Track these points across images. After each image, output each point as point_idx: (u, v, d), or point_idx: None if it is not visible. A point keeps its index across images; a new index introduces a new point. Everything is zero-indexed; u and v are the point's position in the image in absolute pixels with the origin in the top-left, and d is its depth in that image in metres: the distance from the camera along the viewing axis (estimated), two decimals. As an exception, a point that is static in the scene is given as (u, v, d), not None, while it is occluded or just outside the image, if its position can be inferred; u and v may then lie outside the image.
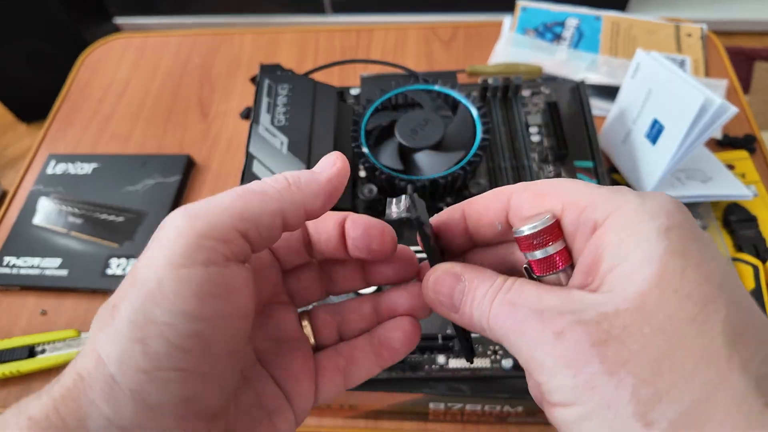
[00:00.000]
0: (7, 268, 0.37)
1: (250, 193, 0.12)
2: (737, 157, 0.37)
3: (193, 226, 0.11)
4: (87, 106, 0.47)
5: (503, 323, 0.11)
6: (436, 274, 0.13)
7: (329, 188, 0.13)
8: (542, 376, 0.10)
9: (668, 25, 0.46)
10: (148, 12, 1.10)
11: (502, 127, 0.31)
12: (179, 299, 0.10)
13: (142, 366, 0.10)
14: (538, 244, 0.12)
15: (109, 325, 0.11)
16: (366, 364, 0.15)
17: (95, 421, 0.10)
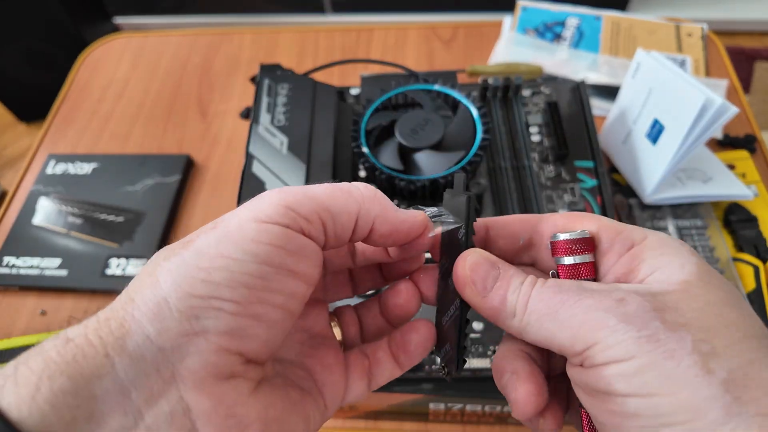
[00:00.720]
0: (7, 268, 0.37)
1: (338, 189, 0.13)
2: (738, 157, 0.37)
3: (282, 198, 0.12)
4: (86, 105, 0.47)
5: (549, 302, 0.12)
6: (473, 257, 0.14)
7: (401, 226, 0.14)
8: (600, 333, 0.11)
9: (669, 25, 0.46)
10: (147, 12, 1.09)
11: (503, 127, 0.31)
12: (254, 243, 0.11)
13: (199, 291, 0.11)
14: (573, 250, 0.13)
15: (176, 255, 0.11)
16: (388, 365, 0.15)
17: (135, 338, 0.10)
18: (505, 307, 0.13)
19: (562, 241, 0.13)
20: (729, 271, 0.31)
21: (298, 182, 0.27)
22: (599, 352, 0.11)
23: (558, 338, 0.12)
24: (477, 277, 0.13)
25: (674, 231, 0.33)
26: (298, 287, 0.12)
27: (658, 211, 0.34)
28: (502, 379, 0.14)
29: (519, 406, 0.13)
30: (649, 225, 0.33)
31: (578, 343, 0.11)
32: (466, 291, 0.14)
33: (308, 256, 0.12)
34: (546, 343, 0.12)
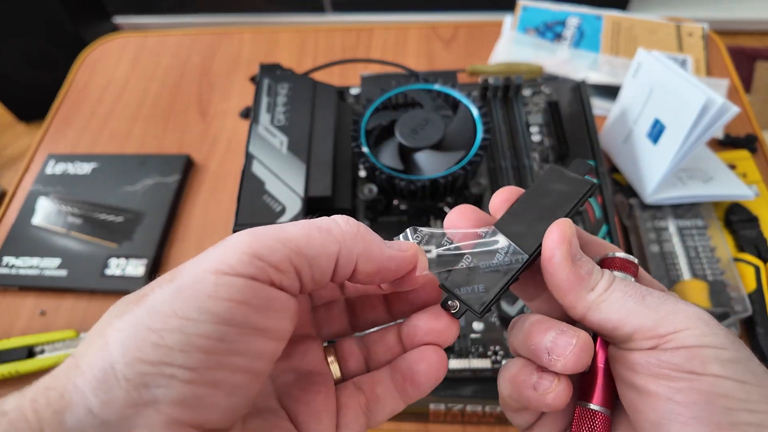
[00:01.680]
0: (6, 268, 0.36)
1: (316, 228, 0.12)
2: (739, 156, 0.37)
3: (251, 244, 0.11)
4: (86, 105, 0.47)
5: (636, 288, 0.13)
6: (573, 225, 0.14)
7: (388, 264, 0.13)
8: (694, 322, 0.12)
9: (669, 25, 0.46)
10: (147, 11, 1.09)
11: (503, 127, 0.31)
12: (212, 300, 0.10)
13: (149, 356, 0.10)
14: (626, 268, 0.14)
15: (129, 312, 0.10)
16: (390, 401, 0.14)
17: (75, 411, 0.09)
18: (590, 278, 0.13)
19: (619, 258, 0.14)
20: (730, 271, 0.31)
21: (299, 182, 0.27)
22: (692, 336, 0.12)
23: (639, 318, 0.12)
24: (574, 241, 0.13)
25: (675, 231, 0.33)
26: (265, 346, 0.11)
27: (659, 211, 0.34)
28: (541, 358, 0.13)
29: (562, 394, 0.13)
30: (650, 225, 0.33)
31: (665, 326, 0.12)
32: (562, 248, 0.13)
33: (278, 310, 0.11)
34: (619, 321, 0.13)
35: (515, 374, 0.13)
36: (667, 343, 0.12)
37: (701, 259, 0.31)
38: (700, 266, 0.31)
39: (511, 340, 0.15)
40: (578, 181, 0.15)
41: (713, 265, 0.31)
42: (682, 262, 0.31)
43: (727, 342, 0.12)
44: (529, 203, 0.15)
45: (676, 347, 0.12)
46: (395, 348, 0.15)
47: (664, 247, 0.32)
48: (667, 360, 0.12)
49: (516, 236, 0.14)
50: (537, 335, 0.13)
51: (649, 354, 0.12)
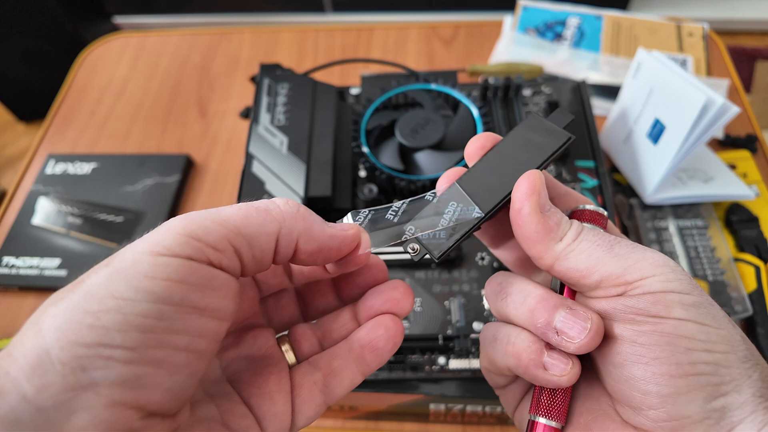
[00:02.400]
0: (6, 268, 0.36)
1: (254, 209, 0.12)
2: (739, 156, 0.37)
3: (186, 226, 0.11)
4: (86, 105, 0.47)
5: (603, 237, 0.13)
6: (543, 177, 0.14)
7: (330, 242, 0.13)
8: (660, 269, 0.12)
9: (670, 25, 0.46)
10: (146, 11, 1.09)
11: (503, 127, 0.31)
12: (148, 279, 0.10)
13: (85, 339, 0.09)
14: (596, 220, 0.14)
15: (63, 299, 0.10)
16: (347, 373, 0.14)
17: (8, 399, 0.09)
18: (558, 228, 0.13)
19: (588, 210, 0.14)
20: (730, 271, 0.31)
21: (299, 182, 0.27)
22: (658, 282, 0.12)
23: (607, 266, 0.13)
24: (542, 192, 0.13)
25: (675, 231, 0.33)
26: (206, 325, 0.11)
27: (659, 211, 0.34)
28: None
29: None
30: (650, 225, 0.33)
31: (632, 273, 0.12)
32: (531, 200, 0.13)
33: (217, 289, 0.11)
34: (587, 269, 0.13)
35: (522, 351, 0.13)
36: (634, 290, 0.12)
37: (701, 259, 0.31)
38: (700, 266, 0.31)
39: (497, 304, 0.14)
40: (555, 133, 0.14)
41: (713, 265, 0.31)
42: (683, 262, 0.31)
43: (690, 287, 0.12)
44: (502, 153, 0.15)
45: (642, 293, 0.12)
46: (350, 324, 0.15)
47: (664, 247, 0.32)
48: (633, 305, 0.12)
49: (477, 191, 0.14)
50: (544, 313, 0.13)
51: (616, 300, 0.13)
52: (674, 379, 0.11)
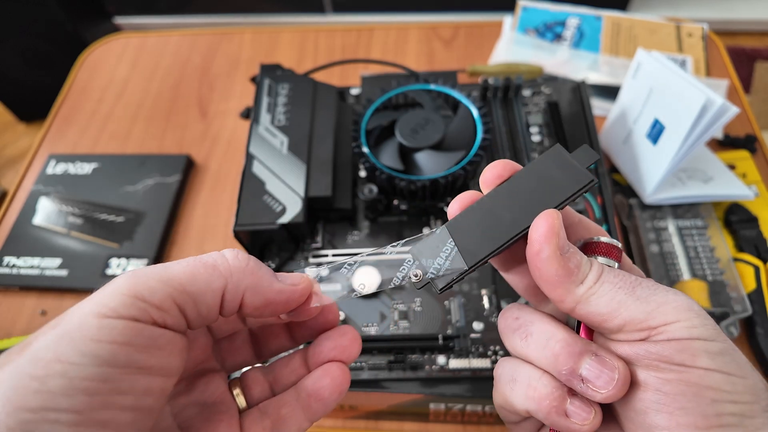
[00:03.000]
0: (7, 268, 0.37)
1: (201, 265, 0.12)
2: (738, 157, 0.37)
3: (131, 286, 0.11)
4: (87, 106, 0.47)
5: (625, 279, 0.13)
6: (560, 217, 0.13)
7: (277, 297, 0.13)
8: (684, 314, 0.12)
9: (669, 25, 0.46)
10: (147, 12, 1.09)
11: (503, 127, 0.31)
12: (94, 342, 0.10)
13: (30, 404, 0.10)
14: (611, 253, 0.14)
15: (10, 362, 0.10)
16: (294, 420, 0.14)
17: None
18: (579, 271, 0.13)
19: (604, 243, 0.14)
20: (729, 271, 0.31)
21: (299, 182, 0.27)
22: (683, 329, 0.12)
23: (629, 310, 0.12)
24: (562, 234, 0.13)
25: (674, 231, 0.33)
26: (152, 383, 0.11)
27: (659, 211, 0.34)
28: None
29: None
30: (650, 225, 0.33)
31: (655, 318, 0.12)
32: (551, 242, 0.13)
33: (163, 347, 0.11)
34: (609, 314, 0.12)
35: (544, 397, 0.13)
36: (657, 335, 0.12)
37: (701, 259, 0.31)
38: (699, 266, 0.31)
39: (515, 343, 0.14)
40: (578, 172, 0.14)
41: (713, 265, 0.31)
42: (682, 262, 0.31)
43: (715, 333, 0.12)
44: (520, 185, 0.14)
45: (666, 339, 0.12)
46: (300, 370, 0.15)
47: (663, 247, 0.32)
48: (658, 352, 0.12)
49: (488, 225, 0.13)
50: (569, 360, 0.13)
51: (639, 345, 0.12)
52: (699, 430, 0.11)
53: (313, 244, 0.28)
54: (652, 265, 0.32)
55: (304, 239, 0.28)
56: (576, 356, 0.13)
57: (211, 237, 0.38)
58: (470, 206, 0.14)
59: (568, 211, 0.15)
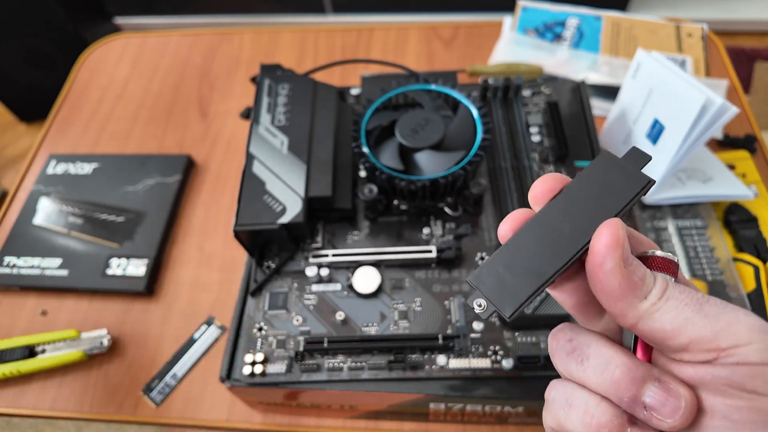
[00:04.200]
0: (8, 268, 0.37)
1: None
2: (738, 157, 0.37)
3: None
4: (87, 106, 0.47)
5: (692, 296, 0.12)
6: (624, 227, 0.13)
7: None
8: (757, 335, 0.11)
9: (669, 25, 0.46)
10: (147, 12, 1.09)
11: (503, 127, 0.31)
12: None
13: None
14: (668, 269, 0.13)
15: None
16: None
17: None
18: (643, 285, 0.12)
19: (660, 258, 0.13)
20: (729, 271, 0.31)
21: (299, 182, 0.27)
22: (756, 352, 0.11)
23: (697, 328, 0.12)
24: (626, 244, 0.12)
25: (674, 231, 0.33)
26: None
27: (658, 211, 0.34)
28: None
29: None
30: (649, 225, 0.33)
31: (725, 338, 0.11)
32: (615, 253, 0.12)
33: None
34: (674, 331, 0.12)
35: (602, 425, 0.12)
36: (727, 357, 0.11)
37: (701, 259, 0.32)
38: (699, 266, 0.31)
39: (569, 366, 0.13)
40: (632, 175, 0.13)
41: (712, 265, 0.31)
42: (682, 262, 0.31)
43: None
44: (574, 197, 0.13)
45: (737, 363, 0.11)
46: None
47: (663, 247, 0.32)
48: (727, 377, 0.11)
49: (548, 242, 0.13)
50: (631, 387, 0.12)
51: (705, 368, 0.12)
52: None
53: (313, 244, 0.28)
54: (652, 265, 0.32)
55: (304, 239, 0.28)
56: (638, 382, 0.12)
57: (212, 237, 0.38)
58: (525, 224, 0.14)
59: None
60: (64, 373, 0.33)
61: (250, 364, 0.25)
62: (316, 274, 0.27)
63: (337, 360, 0.25)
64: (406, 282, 0.27)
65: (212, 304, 0.35)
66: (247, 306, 0.27)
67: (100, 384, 0.33)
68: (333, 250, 0.28)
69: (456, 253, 0.27)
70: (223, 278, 0.36)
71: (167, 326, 0.35)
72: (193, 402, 0.32)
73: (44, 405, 0.32)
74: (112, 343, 0.33)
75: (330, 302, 0.27)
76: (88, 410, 0.32)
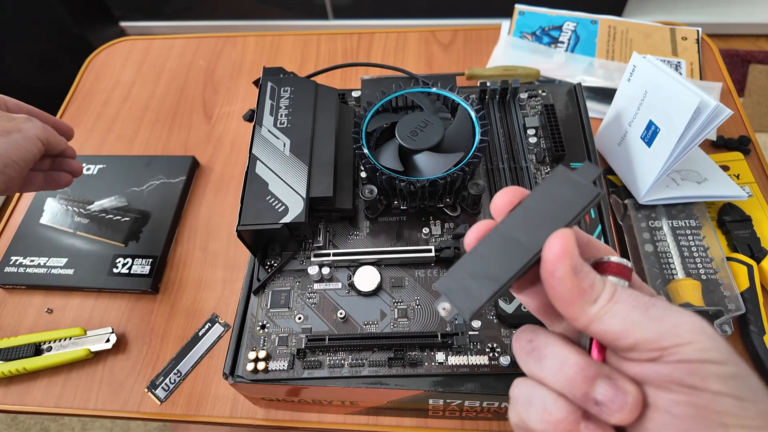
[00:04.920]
0: (14, 267, 0.37)
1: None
2: (732, 158, 0.38)
3: None
4: (93, 108, 0.48)
5: (639, 299, 0.13)
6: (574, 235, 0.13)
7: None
8: (697, 336, 0.12)
9: (664, 29, 0.46)
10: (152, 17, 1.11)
11: (500, 129, 0.32)
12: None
13: None
14: (622, 273, 0.14)
15: None
16: None
17: None
18: (592, 290, 0.13)
19: (614, 263, 0.14)
20: (723, 270, 0.31)
21: (301, 183, 0.28)
22: (694, 351, 0.12)
23: (642, 330, 0.12)
24: (576, 253, 0.13)
25: (669, 231, 0.33)
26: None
27: (653, 211, 0.34)
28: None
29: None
30: (644, 225, 0.34)
31: (668, 339, 0.12)
32: (564, 262, 0.13)
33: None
34: (622, 333, 0.13)
35: (558, 421, 0.13)
36: (669, 356, 0.12)
37: (695, 259, 0.32)
38: (693, 265, 0.32)
39: (529, 365, 0.14)
40: (583, 188, 0.14)
41: (706, 264, 0.32)
42: (676, 261, 0.32)
43: (728, 356, 0.12)
44: (530, 209, 0.14)
45: (678, 360, 0.12)
46: None
47: (658, 247, 0.33)
48: (668, 373, 0.12)
49: (505, 250, 0.14)
50: (583, 384, 0.13)
51: (650, 366, 0.12)
52: None
53: (315, 244, 0.29)
54: (647, 264, 0.32)
55: (306, 239, 0.29)
56: (590, 380, 0.13)
57: (216, 236, 0.39)
58: (487, 234, 0.15)
59: (577, 232, 0.15)
60: (70, 370, 0.34)
61: (253, 361, 0.25)
62: (318, 272, 0.27)
63: (338, 357, 0.25)
64: (406, 281, 0.27)
65: (216, 302, 0.36)
66: (250, 304, 0.27)
67: (105, 381, 0.33)
68: (334, 250, 0.28)
69: (455, 253, 0.27)
70: (227, 277, 0.37)
71: (171, 324, 0.35)
72: (196, 398, 0.32)
73: (50, 402, 0.33)
74: (117, 341, 0.34)
75: (331, 300, 0.27)
76: (93, 407, 0.32)
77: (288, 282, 0.28)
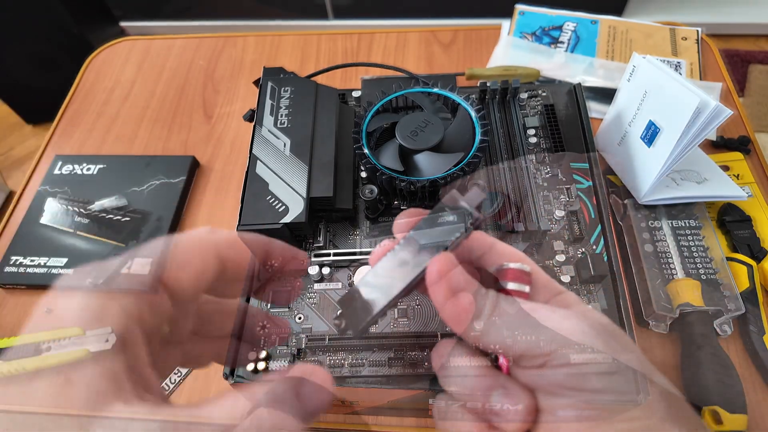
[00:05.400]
0: (14, 267, 0.37)
1: None
2: (732, 158, 0.38)
3: None
4: (93, 107, 0.48)
5: (518, 309, 0.14)
6: (449, 257, 0.14)
7: None
8: (576, 338, 0.13)
9: (664, 29, 0.46)
10: (152, 17, 1.11)
11: (500, 129, 0.32)
12: None
13: None
14: (520, 278, 0.15)
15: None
16: None
17: None
18: (472, 308, 0.14)
19: (512, 269, 0.15)
20: (723, 270, 0.31)
21: (301, 183, 0.28)
22: (574, 352, 0.13)
23: (524, 340, 0.13)
24: (451, 275, 0.14)
25: (669, 231, 0.33)
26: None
27: (653, 211, 0.34)
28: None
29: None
30: (644, 225, 0.34)
31: (548, 345, 0.13)
32: (441, 286, 0.14)
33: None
34: (509, 343, 0.13)
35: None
36: (552, 361, 0.13)
37: (695, 259, 0.32)
38: (693, 265, 0.32)
39: (442, 379, 0.15)
40: (463, 215, 0.15)
41: (706, 264, 0.32)
42: (676, 261, 0.32)
43: (603, 355, 0.13)
44: (420, 233, 0.15)
45: (559, 365, 0.13)
46: None
47: (658, 247, 0.33)
48: (554, 378, 0.13)
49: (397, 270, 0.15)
50: (481, 396, 0.14)
51: (539, 372, 0.13)
52: None
53: (315, 244, 0.29)
54: (647, 265, 0.32)
55: (306, 238, 0.29)
56: (485, 391, 0.14)
57: (215, 237, 0.39)
58: (386, 255, 0.16)
59: (481, 238, 0.16)
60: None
61: (253, 361, 0.25)
62: (318, 272, 0.27)
63: (338, 357, 0.25)
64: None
65: (215, 302, 0.36)
66: (250, 304, 0.27)
67: (104, 381, 0.33)
68: (334, 250, 0.28)
69: (454, 252, 0.27)
70: (226, 277, 0.37)
71: (171, 324, 0.35)
72: (196, 398, 0.32)
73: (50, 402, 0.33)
74: (116, 341, 0.34)
75: (331, 300, 0.27)
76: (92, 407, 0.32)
77: (288, 282, 0.28)
